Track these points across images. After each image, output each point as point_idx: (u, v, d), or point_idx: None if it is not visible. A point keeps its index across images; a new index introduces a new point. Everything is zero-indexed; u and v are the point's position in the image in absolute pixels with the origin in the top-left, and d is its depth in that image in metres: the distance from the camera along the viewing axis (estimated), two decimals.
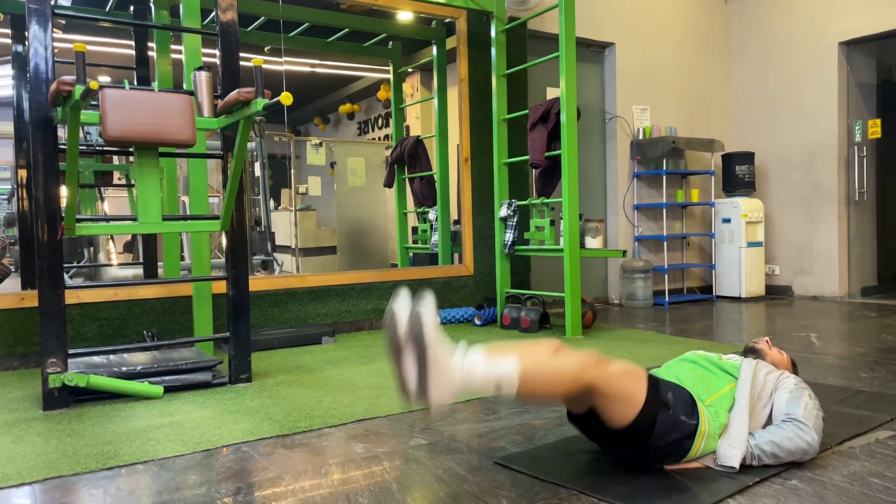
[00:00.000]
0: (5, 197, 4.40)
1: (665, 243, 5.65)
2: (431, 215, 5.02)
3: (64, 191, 2.48)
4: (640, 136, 5.67)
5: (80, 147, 2.57)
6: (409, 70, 5.62)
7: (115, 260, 4.76)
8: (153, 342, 2.97)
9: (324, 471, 1.79)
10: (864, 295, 5.77)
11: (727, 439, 1.68)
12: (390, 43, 5.31)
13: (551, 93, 5.25)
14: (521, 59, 4.81)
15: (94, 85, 2.07)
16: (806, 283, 5.84)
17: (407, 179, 5.29)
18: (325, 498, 1.61)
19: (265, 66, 2.41)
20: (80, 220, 2.63)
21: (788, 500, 1.52)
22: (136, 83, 4.08)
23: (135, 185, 2.69)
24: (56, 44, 2.51)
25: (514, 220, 4.38)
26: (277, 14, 4.42)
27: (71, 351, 2.57)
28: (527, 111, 4.39)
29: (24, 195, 3.94)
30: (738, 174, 5.83)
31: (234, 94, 2.40)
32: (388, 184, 5.44)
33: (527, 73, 4.87)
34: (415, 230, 5.29)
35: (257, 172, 5.07)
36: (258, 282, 3.90)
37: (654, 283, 5.56)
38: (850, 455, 1.81)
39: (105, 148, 3.43)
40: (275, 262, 5.13)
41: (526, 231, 4.42)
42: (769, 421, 1.79)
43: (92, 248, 4.66)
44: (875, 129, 5.58)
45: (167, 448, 2.00)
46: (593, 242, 4.48)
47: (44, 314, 2.46)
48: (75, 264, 4.61)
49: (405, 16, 4.80)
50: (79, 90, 2.10)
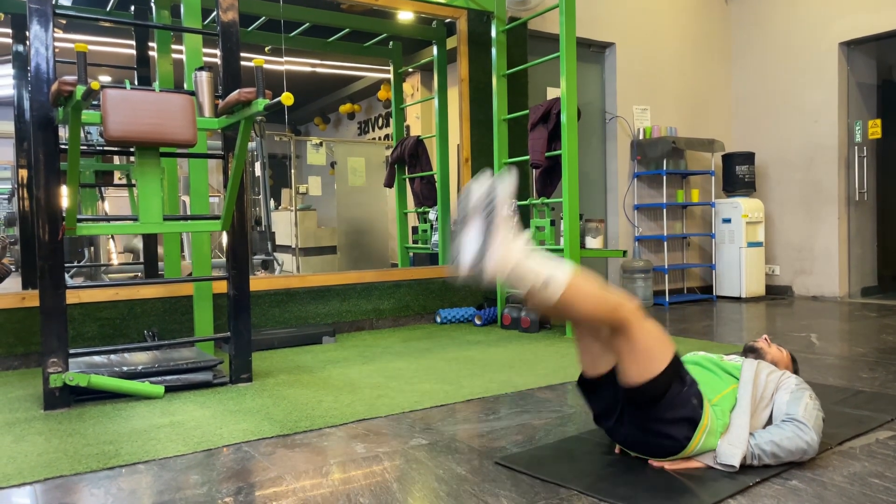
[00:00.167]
0: (6, 196, 4.40)
1: (665, 243, 5.66)
2: (432, 215, 5.03)
3: (65, 190, 2.49)
4: (641, 137, 5.68)
5: (81, 147, 2.57)
6: (410, 70, 5.62)
7: (115, 260, 4.76)
8: (154, 342, 2.98)
9: (324, 471, 1.80)
10: (864, 295, 5.77)
11: (728, 438, 1.68)
12: (391, 43, 5.31)
13: (552, 93, 5.25)
14: (521, 59, 4.82)
15: (95, 85, 2.07)
16: (806, 283, 5.85)
17: (407, 179, 5.29)
18: (326, 498, 1.61)
19: (266, 66, 2.41)
20: (80, 220, 2.63)
21: (789, 501, 1.53)
22: (136, 83, 4.08)
23: (135, 184, 2.69)
24: (57, 43, 2.51)
25: (515, 221, 4.37)
26: (278, 14, 4.42)
27: (72, 350, 2.57)
28: (527, 111, 4.39)
29: (25, 195, 3.94)
30: (738, 174, 5.83)
31: (235, 95, 2.40)
32: (389, 184, 5.44)
33: (527, 73, 4.87)
34: (415, 230, 5.29)
35: (258, 172, 5.08)
36: (259, 282, 3.91)
37: (654, 283, 5.56)
38: (851, 455, 1.82)
39: (106, 148, 3.43)
40: (275, 262, 5.13)
41: (526, 231, 4.41)
42: (770, 421, 1.79)
43: (92, 248, 4.66)
44: (875, 129, 5.58)
45: (168, 448, 2.00)
46: (593, 242, 4.49)
47: (45, 314, 2.47)
48: (76, 264, 4.61)
49: (406, 16, 4.80)
50: (80, 90, 2.10)
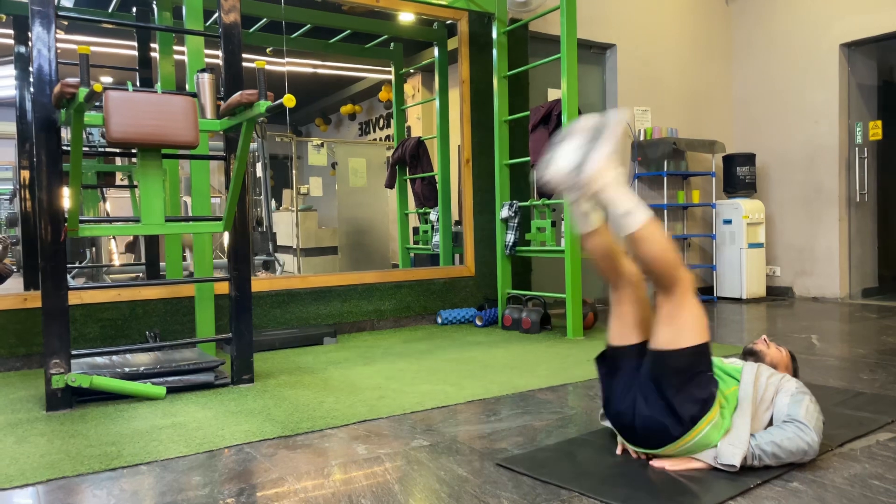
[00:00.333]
0: (8, 197, 4.41)
1: None
2: (433, 216, 5.03)
3: (67, 191, 2.49)
4: (641, 138, 5.68)
5: (83, 148, 2.57)
6: (411, 71, 5.62)
7: (116, 261, 4.77)
8: (156, 343, 2.98)
9: (326, 472, 1.80)
10: (865, 296, 5.77)
11: (729, 439, 1.70)
12: (392, 44, 5.32)
13: (553, 94, 5.26)
14: (522, 60, 4.82)
15: (97, 87, 2.08)
16: (807, 284, 5.85)
17: (408, 180, 5.29)
18: (328, 499, 1.61)
19: (267, 67, 2.42)
20: (82, 221, 2.64)
21: (789, 502, 1.53)
22: (138, 85, 4.09)
23: (137, 186, 2.70)
24: (59, 45, 2.51)
25: (516, 222, 4.38)
26: (280, 16, 4.43)
27: (74, 351, 2.57)
28: (528, 112, 4.39)
29: (27, 196, 3.95)
30: (738, 175, 5.83)
31: (236, 97, 2.41)
32: (390, 184, 5.45)
33: (528, 75, 4.87)
34: (416, 231, 5.29)
35: (259, 173, 5.08)
36: (260, 282, 3.91)
37: None
38: (851, 457, 1.82)
39: (108, 149, 3.44)
40: (276, 263, 5.14)
41: (527, 232, 4.42)
42: (770, 424, 1.80)
43: (94, 249, 4.67)
44: (876, 130, 5.58)
45: (170, 449, 2.01)
46: None
47: (47, 314, 2.47)
48: (78, 265, 4.62)
49: (407, 17, 4.81)
50: (83, 92, 2.11)
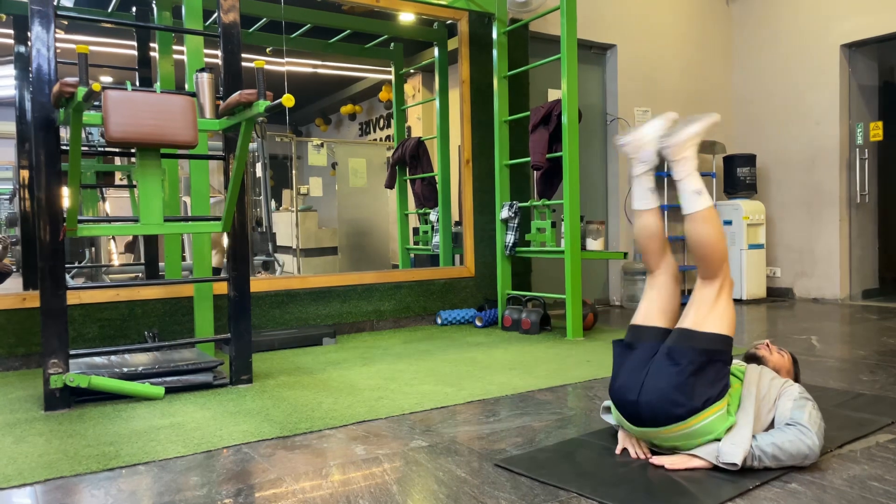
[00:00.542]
0: (7, 197, 4.41)
1: None
2: (432, 216, 5.03)
3: (66, 191, 2.49)
4: None
5: (82, 148, 2.57)
6: (411, 71, 5.62)
7: (115, 260, 4.76)
8: (154, 343, 2.97)
9: (324, 472, 1.80)
10: (865, 297, 5.76)
11: (730, 438, 1.70)
12: (392, 44, 5.31)
13: (553, 94, 5.25)
14: (522, 60, 4.82)
15: (96, 87, 2.07)
16: (807, 285, 5.84)
17: (408, 180, 5.29)
18: (326, 499, 1.61)
19: (267, 67, 2.41)
20: (81, 221, 2.64)
21: None
22: (138, 84, 4.09)
23: (136, 185, 2.69)
24: (58, 44, 2.51)
25: (516, 222, 4.38)
26: (279, 15, 4.43)
27: (72, 351, 2.57)
28: (528, 113, 4.39)
29: (26, 195, 3.95)
30: (739, 176, 5.82)
31: (236, 96, 2.40)
32: (390, 185, 5.45)
33: (528, 75, 4.87)
34: (416, 231, 5.29)
35: (259, 173, 5.08)
36: (259, 283, 3.91)
37: None
38: (851, 458, 1.82)
39: (107, 149, 3.44)
40: (276, 263, 5.13)
41: (527, 233, 4.42)
42: (772, 426, 1.79)
43: (93, 249, 4.67)
44: (877, 131, 5.58)
45: (168, 449, 2.00)
46: (594, 244, 4.48)
47: (45, 314, 2.47)
48: (77, 265, 4.62)
49: (407, 17, 4.80)
50: (81, 91, 2.11)
